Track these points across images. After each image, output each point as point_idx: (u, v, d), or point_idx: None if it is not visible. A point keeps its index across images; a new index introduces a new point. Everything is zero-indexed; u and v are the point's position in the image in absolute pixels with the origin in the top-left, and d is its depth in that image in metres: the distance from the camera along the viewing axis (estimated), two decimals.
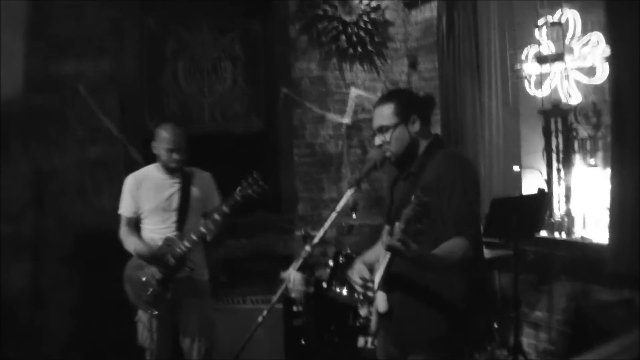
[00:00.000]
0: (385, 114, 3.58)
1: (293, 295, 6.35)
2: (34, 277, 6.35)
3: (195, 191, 5.21)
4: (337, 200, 3.51)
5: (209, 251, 5.41)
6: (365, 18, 8.24)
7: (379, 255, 3.65)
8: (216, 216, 4.90)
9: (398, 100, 3.61)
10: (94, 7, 6.70)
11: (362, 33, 8.23)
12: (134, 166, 5.57)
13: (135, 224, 5.21)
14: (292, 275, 4.78)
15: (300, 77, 7.99)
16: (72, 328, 6.46)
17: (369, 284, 3.56)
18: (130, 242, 5.09)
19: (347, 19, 8.11)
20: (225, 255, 6.89)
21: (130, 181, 5.21)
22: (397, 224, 3.06)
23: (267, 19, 7.88)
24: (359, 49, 8.25)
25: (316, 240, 3.51)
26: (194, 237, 4.91)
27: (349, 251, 6.47)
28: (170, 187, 5.16)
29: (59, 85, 6.52)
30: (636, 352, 2.51)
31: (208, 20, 7.59)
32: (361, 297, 3.65)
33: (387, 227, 3.20)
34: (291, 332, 6.42)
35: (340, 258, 6.38)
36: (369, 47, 8.33)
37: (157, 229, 5.12)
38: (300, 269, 4.99)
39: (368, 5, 8.26)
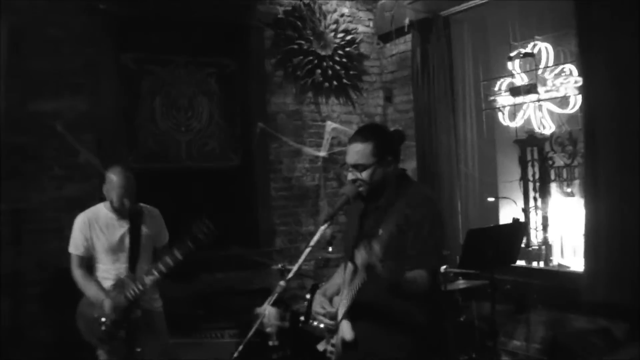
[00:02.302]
0: (363, 153, 3.61)
1: (268, 330, 6.34)
2: (13, 315, 6.30)
3: (145, 230, 5.15)
4: (315, 233, 3.53)
5: (185, 286, 5.36)
6: (340, 52, 8.28)
7: (338, 287, 3.80)
8: (169, 260, 4.82)
9: (378, 141, 3.65)
10: (70, 45, 6.70)
11: (337, 66, 8.26)
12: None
13: (87, 264, 5.13)
14: (267, 310, 4.77)
15: (276, 112, 7.99)
16: None
17: (332, 314, 3.71)
18: (90, 290, 5.01)
19: (322, 52, 8.15)
20: (202, 290, 6.88)
21: (81, 220, 5.12)
22: (374, 245, 3.12)
23: (242, 54, 7.90)
24: (334, 83, 8.28)
25: (291, 274, 3.51)
26: (147, 281, 4.86)
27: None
28: (121, 227, 5.09)
29: (35, 124, 6.49)
30: None
31: (184, 57, 7.60)
32: (323, 328, 3.81)
33: (364, 245, 3.22)
34: None
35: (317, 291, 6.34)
36: (344, 81, 8.37)
37: (109, 269, 5.07)
38: (275, 303, 4.98)
39: (343, 39, 8.31)
